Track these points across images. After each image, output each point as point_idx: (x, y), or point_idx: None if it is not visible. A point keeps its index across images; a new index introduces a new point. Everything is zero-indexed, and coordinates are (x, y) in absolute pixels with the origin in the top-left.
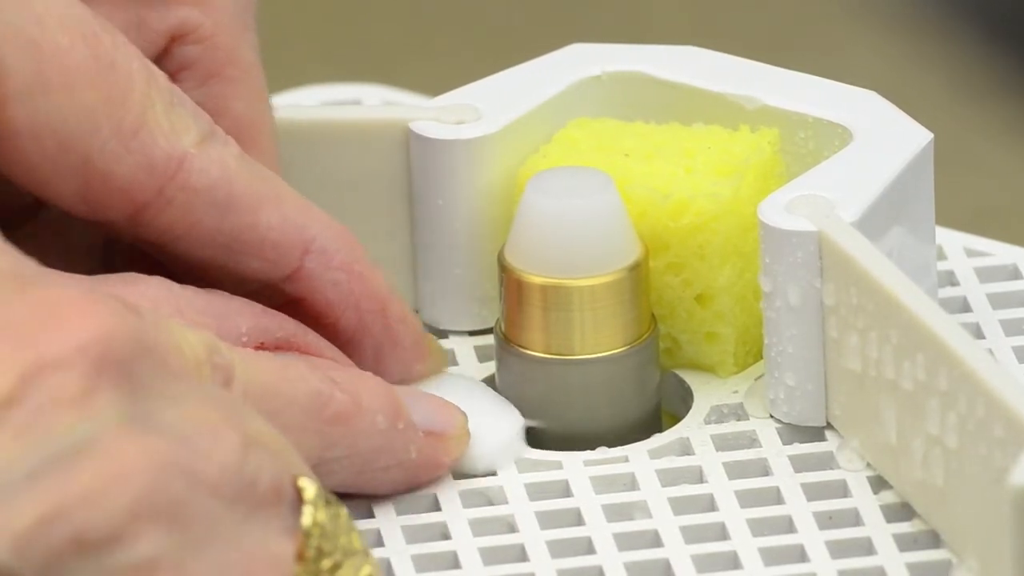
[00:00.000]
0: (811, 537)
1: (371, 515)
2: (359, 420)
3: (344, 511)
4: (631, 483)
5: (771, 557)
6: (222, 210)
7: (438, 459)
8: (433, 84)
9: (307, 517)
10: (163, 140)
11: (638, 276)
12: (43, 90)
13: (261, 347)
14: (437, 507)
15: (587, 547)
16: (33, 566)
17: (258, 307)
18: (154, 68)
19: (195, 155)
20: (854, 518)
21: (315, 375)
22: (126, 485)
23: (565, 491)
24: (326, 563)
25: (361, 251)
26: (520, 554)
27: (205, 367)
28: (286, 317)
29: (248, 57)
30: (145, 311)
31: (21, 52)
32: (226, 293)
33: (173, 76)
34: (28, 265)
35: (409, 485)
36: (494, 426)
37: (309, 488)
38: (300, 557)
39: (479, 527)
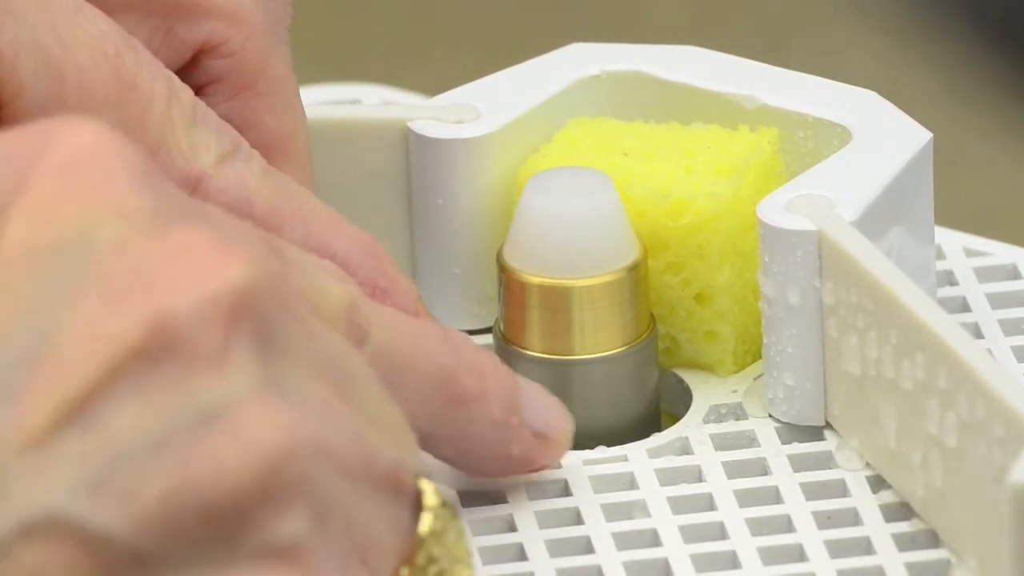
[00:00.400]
0: (810, 536)
1: None
2: (478, 406)
3: (459, 518)
4: (630, 482)
5: (770, 556)
6: None
7: (537, 460)
8: (432, 83)
9: (425, 524)
10: (181, 161)
11: (637, 276)
12: (60, 108)
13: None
14: None
15: (586, 546)
16: (158, 544)
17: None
18: (177, 84)
19: (212, 176)
20: (853, 518)
21: (447, 347)
22: (261, 459)
23: (564, 490)
24: (433, 570)
25: (388, 264)
26: (519, 553)
27: (342, 322)
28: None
29: (279, 71)
30: (292, 254)
31: (40, 69)
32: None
33: (202, 88)
34: (174, 202)
35: (496, 475)
36: None
37: (430, 492)
38: (410, 562)
39: (478, 526)
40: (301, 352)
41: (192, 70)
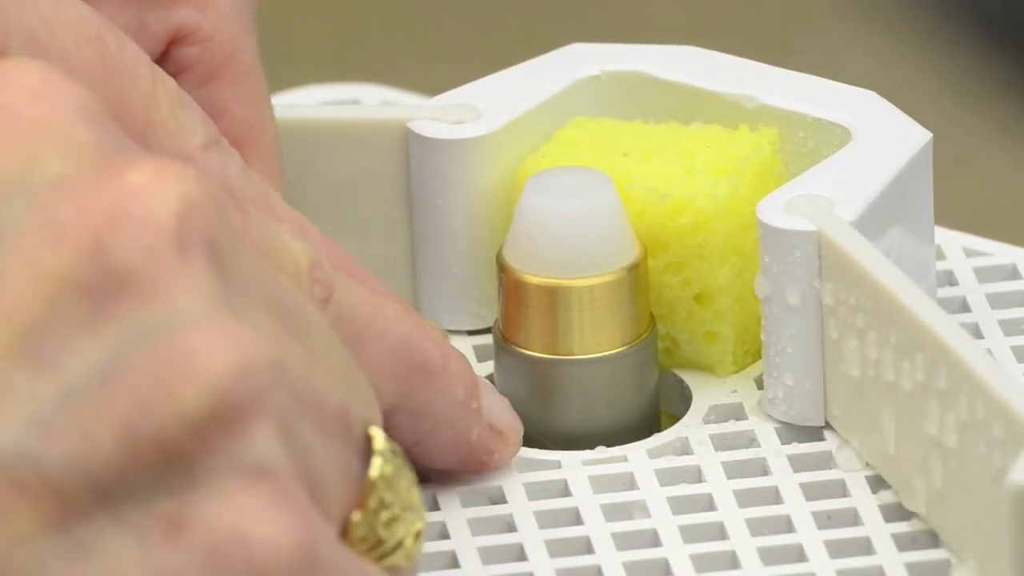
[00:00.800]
0: (810, 537)
1: None
2: (442, 378)
3: (408, 465)
4: (630, 482)
5: (770, 557)
6: None
7: (492, 453)
8: (432, 84)
9: (375, 468)
10: (168, 141)
11: (637, 276)
12: None
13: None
14: (436, 506)
15: (586, 546)
16: (118, 477)
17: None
18: (161, 71)
19: (200, 160)
20: (853, 518)
21: (411, 320)
22: (213, 379)
23: (564, 491)
24: (384, 515)
25: (354, 266)
26: (519, 553)
27: (305, 277)
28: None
29: (247, 59)
30: (253, 211)
31: (28, 50)
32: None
33: (173, 78)
34: (120, 139)
35: (455, 468)
36: None
37: (379, 438)
38: (362, 506)
39: (478, 526)
40: (251, 284)
41: (163, 60)
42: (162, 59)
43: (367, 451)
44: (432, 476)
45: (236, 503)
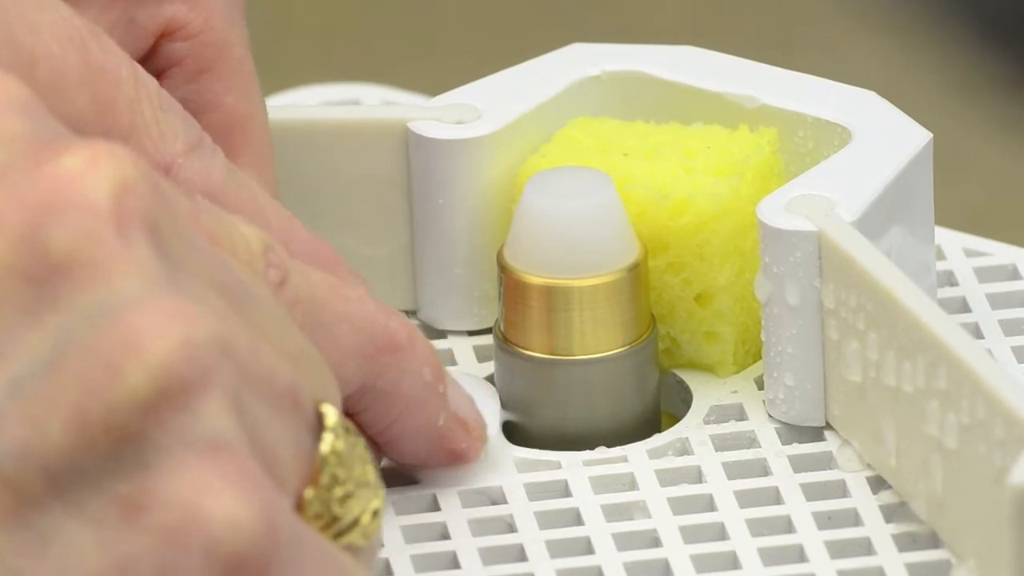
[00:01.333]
0: (810, 537)
1: None
2: (410, 357)
3: (362, 442)
4: (630, 483)
5: (770, 557)
6: None
7: (459, 441)
8: (432, 84)
9: (326, 444)
10: (151, 147)
11: (637, 276)
12: None
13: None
14: (436, 507)
15: (586, 547)
16: (70, 464)
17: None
18: (143, 73)
19: (182, 164)
20: (853, 518)
21: (373, 303)
22: (159, 355)
23: (564, 491)
24: (338, 491)
25: (343, 268)
26: (519, 554)
27: (259, 262)
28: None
29: (238, 51)
30: (203, 200)
31: (11, 57)
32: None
33: (162, 72)
34: (55, 128)
35: (425, 458)
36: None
37: (330, 414)
38: (314, 483)
39: (478, 527)
40: (193, 262)
41: (152, 55)
42: (152, 54)
43: (318, 428)
44: (425, 477)
45: (190, 480)
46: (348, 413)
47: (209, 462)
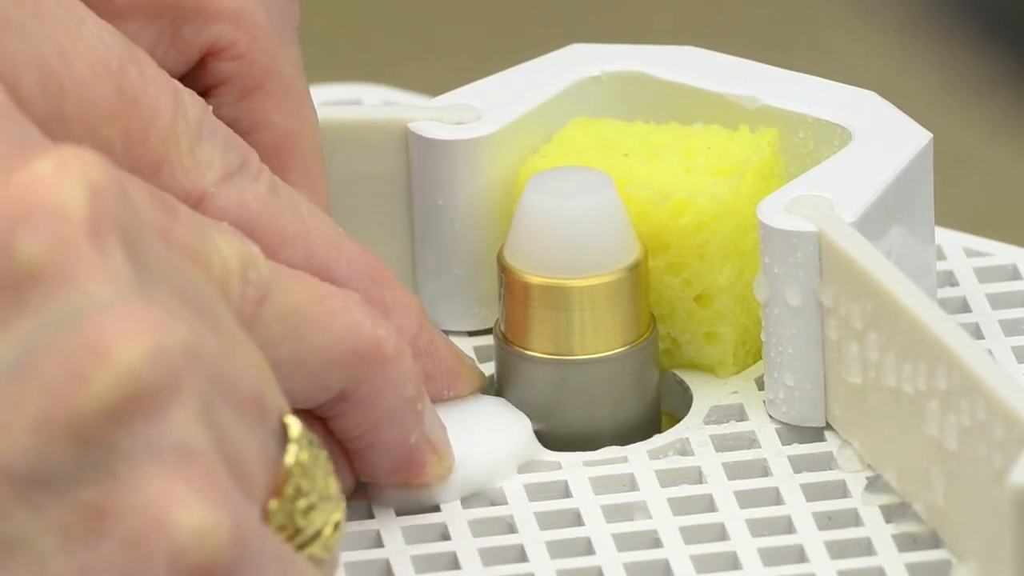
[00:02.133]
0: (810, 537)
1: (371, 516)
2: (394, 370)
3: (324, 455)
4: (630, 483)
5: (770, 557)
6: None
7: (425, 462)
8: (433, 84)
9: (291, 455)
10: (183, 178)
11: (637, 276)
12: (59, 123)
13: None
14: (436, 508)
15: (586, 547)
16: (38, 471)
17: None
18: (185, 99)
19: (214, 194)
20: (853, 518)
21: (362, 310)
22: (125, 362)
23: (564, 492)
24: (302, 503)
25: (390, 286)
26: (519, 554)
27: (235, 279)
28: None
29: (288, 71)
30: (184, 211)
31: (39, 84)
32: None
33: (209, 91)
34: (30, 135)
35: (388, 473)
36: (502, 436)
37: (295, 426)
38: (279, 494)
39: (478, 528)
40: (162, 270)
41: (200, 73)
42: (199, 72)
43: (283, 439)
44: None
45: (157, 488)
46: (323, 417)
47: (177, 471)
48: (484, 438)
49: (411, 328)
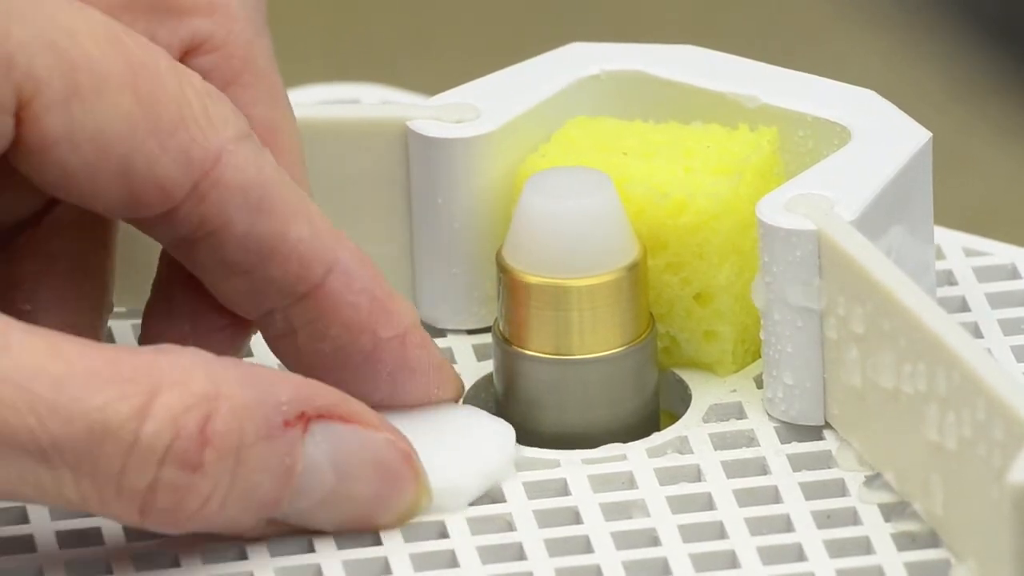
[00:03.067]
0: (809, 536)
1: None
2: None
3: None
4: (629, 482)
5: (769, 556)
6: (254, 212)
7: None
8: (432, 83)
9: None
10: (200, 135)
11: (636, 275)
12: (78, 99)
13: (301, 417)
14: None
15: (585, 546)
16: None
17: (298, 377)
18: (183, 67)
19: (232, 151)
20: (852, 517)
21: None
22: None
23: (563, 490)
24: None
25: (383, 280)
26: (518, 553)
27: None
28: (327, 387)
29: (262, 62)
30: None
31: (53, 64)
32: (264, 366)
33: None
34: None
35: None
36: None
37: None
38: None
39: (477, 526)
40: None
41: None
42: None
43: None
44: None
45: None
46: None
47: None
48: (466, 453)
49: (405, 324)
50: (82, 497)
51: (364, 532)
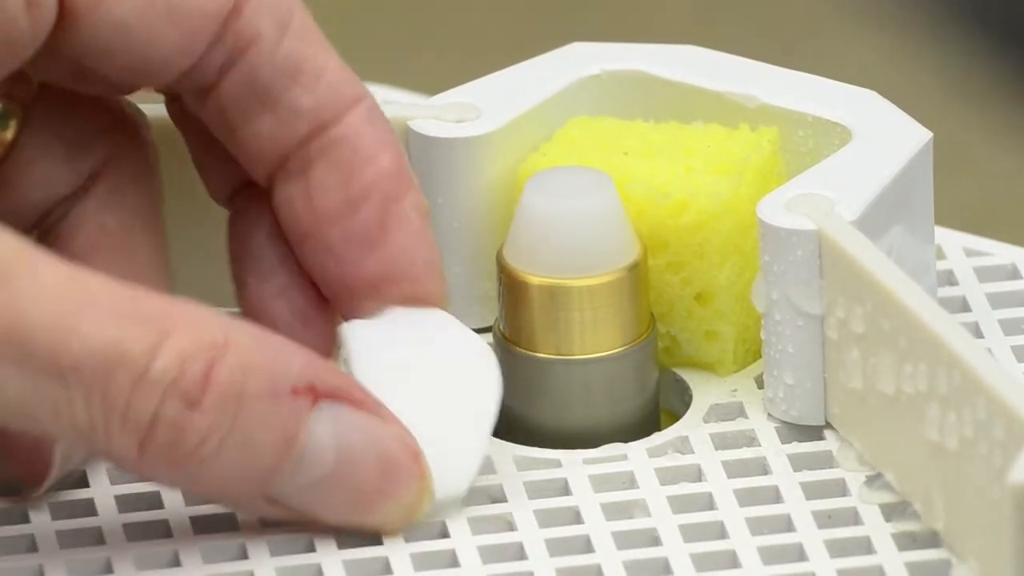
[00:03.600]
0: (810, 536)
1: None
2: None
3: None
4: (630, 481)
5: (770, 556)
6: (284, 27)
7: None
8: (432, 82)
9: None
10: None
11: (637, 275)
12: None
13: (311, 390)
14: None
15: (586, 546)
16: None
17: (314, 354)
18: None
19: None
20: (853, 517)
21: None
22: None
23: (564, 489)
24: None
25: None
26: (519, 552)
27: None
28: (340, 371)
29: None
30: None
31: (104, 14)
32: (280, 336)
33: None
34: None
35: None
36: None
37: None
38: None
39: (477, 525)
40: None
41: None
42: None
43: None
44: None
45: None
46: None
47: None
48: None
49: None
50: (91, 422)
51: (364, 530)
